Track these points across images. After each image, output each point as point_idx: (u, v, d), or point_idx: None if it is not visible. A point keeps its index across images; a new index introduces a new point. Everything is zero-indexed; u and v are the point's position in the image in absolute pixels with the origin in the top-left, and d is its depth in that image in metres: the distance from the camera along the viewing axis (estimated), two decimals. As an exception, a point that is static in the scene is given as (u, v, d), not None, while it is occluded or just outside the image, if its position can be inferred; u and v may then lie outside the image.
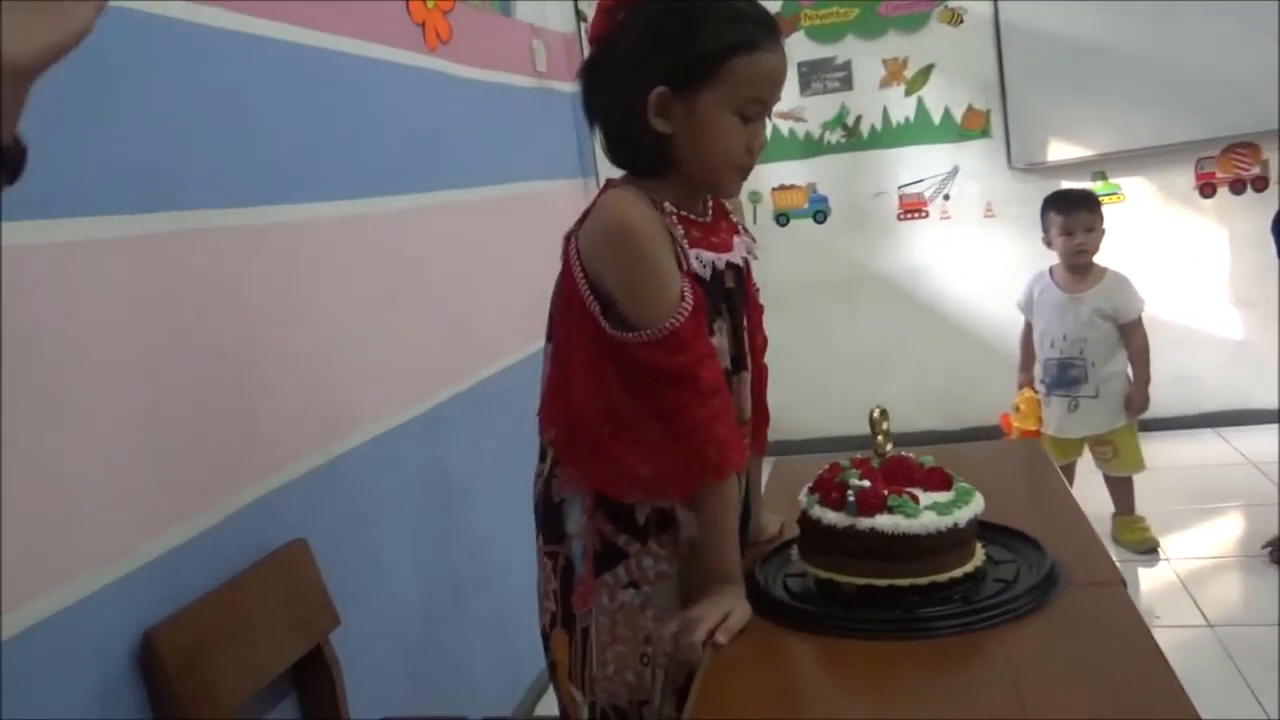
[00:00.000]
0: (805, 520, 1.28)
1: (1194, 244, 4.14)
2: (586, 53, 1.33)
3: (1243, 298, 4.13)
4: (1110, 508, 3.18)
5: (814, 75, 4.32)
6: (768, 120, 1.30)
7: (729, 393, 1.29)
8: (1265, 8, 3.81)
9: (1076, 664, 1.06)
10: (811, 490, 1.30)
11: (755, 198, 4.44)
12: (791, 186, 4.43)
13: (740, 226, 1.42)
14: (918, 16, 4.21)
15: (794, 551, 1.33)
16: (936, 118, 4.26)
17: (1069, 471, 3.13)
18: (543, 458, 1.36)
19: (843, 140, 4.35)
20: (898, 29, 4.23)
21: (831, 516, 1.23)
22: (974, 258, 4.30)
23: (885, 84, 4.28)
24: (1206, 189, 4.11)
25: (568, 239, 1.29)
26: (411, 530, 1.98)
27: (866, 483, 1.23)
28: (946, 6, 4.18)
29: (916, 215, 4.35)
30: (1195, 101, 3.95)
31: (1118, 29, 3.96)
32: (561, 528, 1.32)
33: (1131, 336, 3.04)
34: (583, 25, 3.40)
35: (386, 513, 1.92)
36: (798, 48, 4.30)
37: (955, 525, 1.20)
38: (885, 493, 1.22)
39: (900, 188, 4.34)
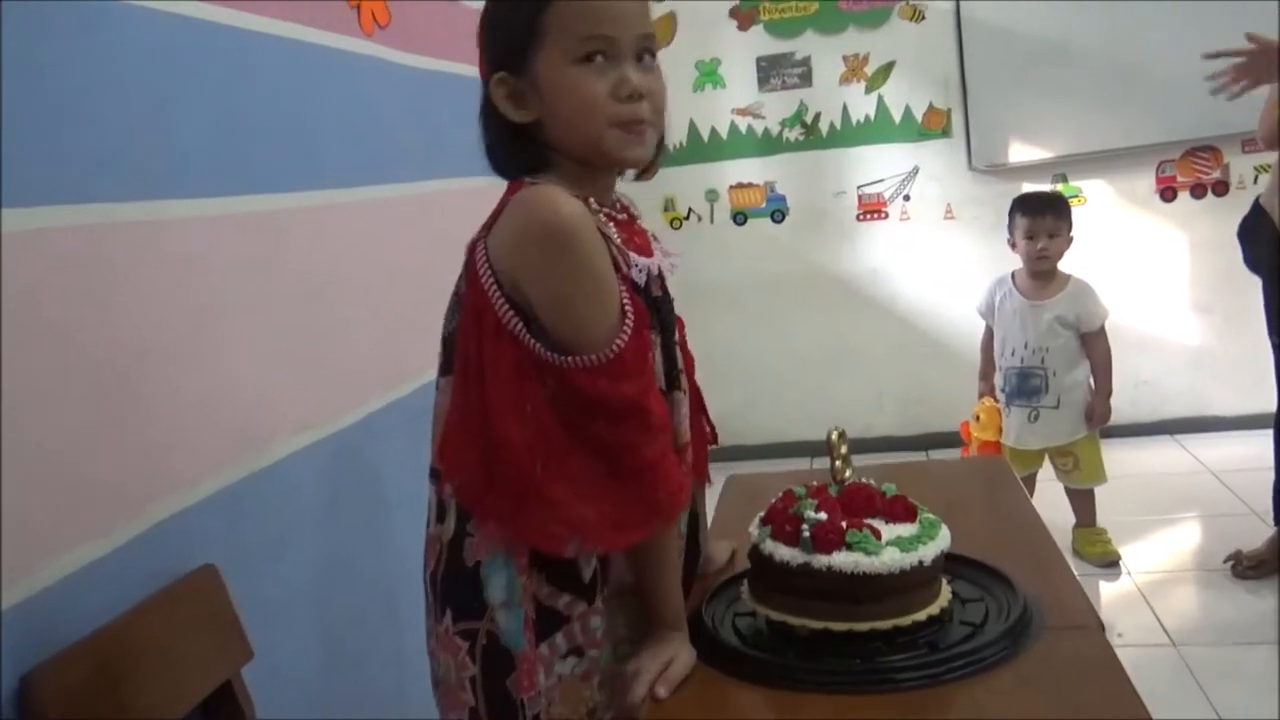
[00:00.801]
0: (756, 555, 1.16)
1: (1154, 248, 4.10)
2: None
3: (1202, 303, 4.09)
4: (1070, 518, 3.11)
5: (772, 71, 4.22)
6: (649, 60, 1.11)
7: (670, 424, 1.15)
8: (1227, 10, 3.76)
9: (1053, 723, 0.96)
10: (763, 521, 1.18)
11: (712, 195, 4.34)
12: (749, 185, 4.33)
13: (652, 235, 1.26)
14: (879, 12, 4.12)
15: (744, 588, 1.21)
16: (897, 116, 4.18)
17: (1029, 482, 3.05)
18: (440, 517, 1.15)
19: (801, 138, 4.26)
20: (858, 25, 4.14)
21: (785, 552, 1.11)
22: (934, 260, 4.23)
23: (845, 81, 4.19)
24: (1167, 193, 4.07)
25: (473, 246, 1.12)
26: (336, 552, 1.84)
27: (823, 515, 1.12)
28: (908, 3, 4.10)
29: (876, 216, 4.27)
30: (1156, 104, 3.90)
31: (1080, 29, 3.90)
32: (480, 598, 1.10)
33: (1094, 346, 2.97)
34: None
35: (308, 534, 1.77)
36: (756, 42, 4.21)
37: (920, 563, 1.09)
38: (844, 526, 1.11)
39: (859, 187, 4.25)
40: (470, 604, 1.11)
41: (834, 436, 1.24)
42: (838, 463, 1.23)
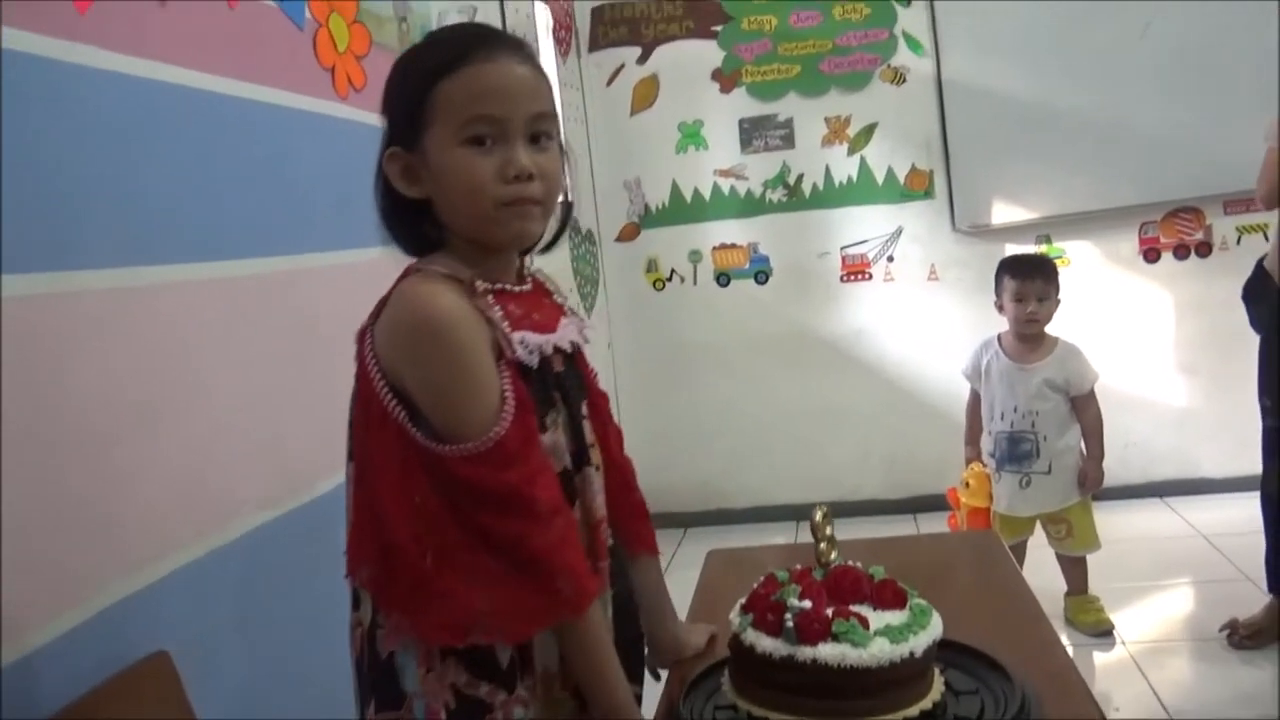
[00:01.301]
0: (737, 645, 1.10)
1: (1139, 309, 4.08)
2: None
3: (1187, 365, 4.06)
4: (1062, 585, 3.03)
5: (755, 132, 4.22)
6: (544, 141, 1.09)
7: (569, 508, 1.10)
8: (1209, 73, 3.78)
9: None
10: (744, 609, 1.12)
11: (695, 256, 4.31)
12: (732, 245, 4.31)
13: (567, 308, 1.24)
14: (860, 75, 4.13)
15: (725, 679, 1.14)
16: (880, 178, 4.18)
17: (1020, 549, 2.98)
18: (356, 604, 1.13)
19: (784, 199, 4.24)
20: (840, 87, 4.15)
21: (767, 643, 1.05)
22: (918, 321, 4.20)
23: (827, 142, 4.19)
24: (1150, 254, 4.06)
25: (361, 335, 1.11)
26: (297, 637, 1.76)
27: (807, 603, 1.06)
28: (889, 65, 4.11)
29: (860, 277, 4.24)
30: (1138, 165, 3.91)
31: (1061, 91, 3.92)
32: (397, 687, 1.08)
33: (1085, 410, 2.93)
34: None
35: (269, 616, 1.69)
36: (739, 104, 4.21)
37: (911, 654, 1.03)
38: (829, 615, 1.05)
39: (843, 248, 4.24)
40: (389, 694, 1.08)
41: (819, 516, 1.17)
42: (822, 544, 1.17)
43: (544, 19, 3.80)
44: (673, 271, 4.35)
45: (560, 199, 1.16)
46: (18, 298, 1.28)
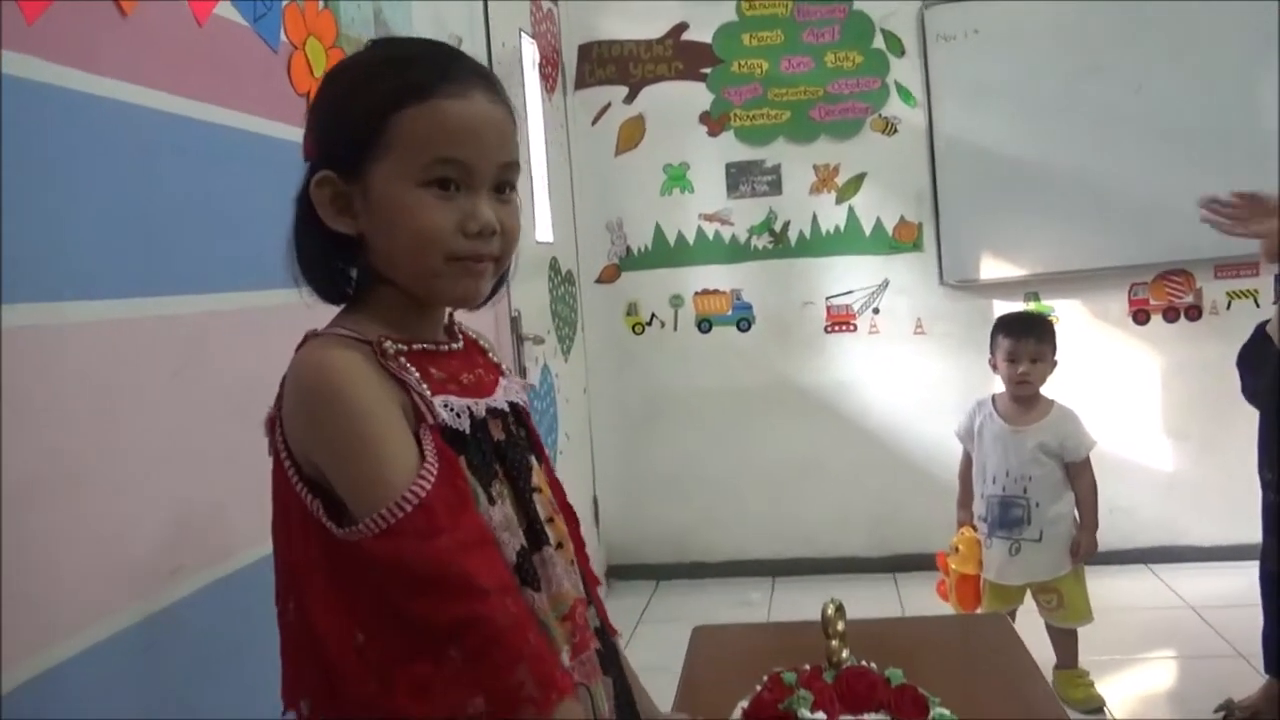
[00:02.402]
0: (740, 760, 0.97)
1: (1127, 371, 4.00)
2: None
3: (1175, 429, 3.98)
4: (1050, 656, 2.91)
5: (742, 177, 4.13)
6: (508, 192, 0.99)
7: (518, 589, 0.93)
8: (1202, 135, 3.74)
9: None
10: (747, 717, 0.99)
11: (677, 301, 4.20)
12: (715, 291, 4.20)
13: (504, 368, 1.11)
14: (851, 123, 4.06)
15: (722, 796, 1.01)
16: (868, 228, 4.09)
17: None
18: None
19: (770, 246, 4.15)
20: (830, 135, 4.08)
21: (776, 761, 0.92)
22: (903, 375, 4.10)
23: (816, 190, 4.11)
24: (1140, 315, 3.99)
25: (271, 425, 0.96)
26: (244, 710, 1.59)
27: (821, 716, 0.93)
28: (880, 115, 4.05)
29: (844, 328, 4.15)
30: (1129, 226, 3.85)
31: (1054, 148, 3.86)
32: None
33: (1079, 477, 2.82)
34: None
35: (214, 688, 1.54)
36: (726, 148, 4.13)
37: (937, 779, 0.90)
38: (845, 729, 0.92)
39: (828, 298, 4.14)
40: None
41: (830, 610, 1.05)
42: (834, 641, 1.04)
43: (531, 54, 3.71)
44: (653, 316, 4.23)
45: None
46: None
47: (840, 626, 1.05)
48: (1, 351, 1.23)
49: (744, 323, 4.20)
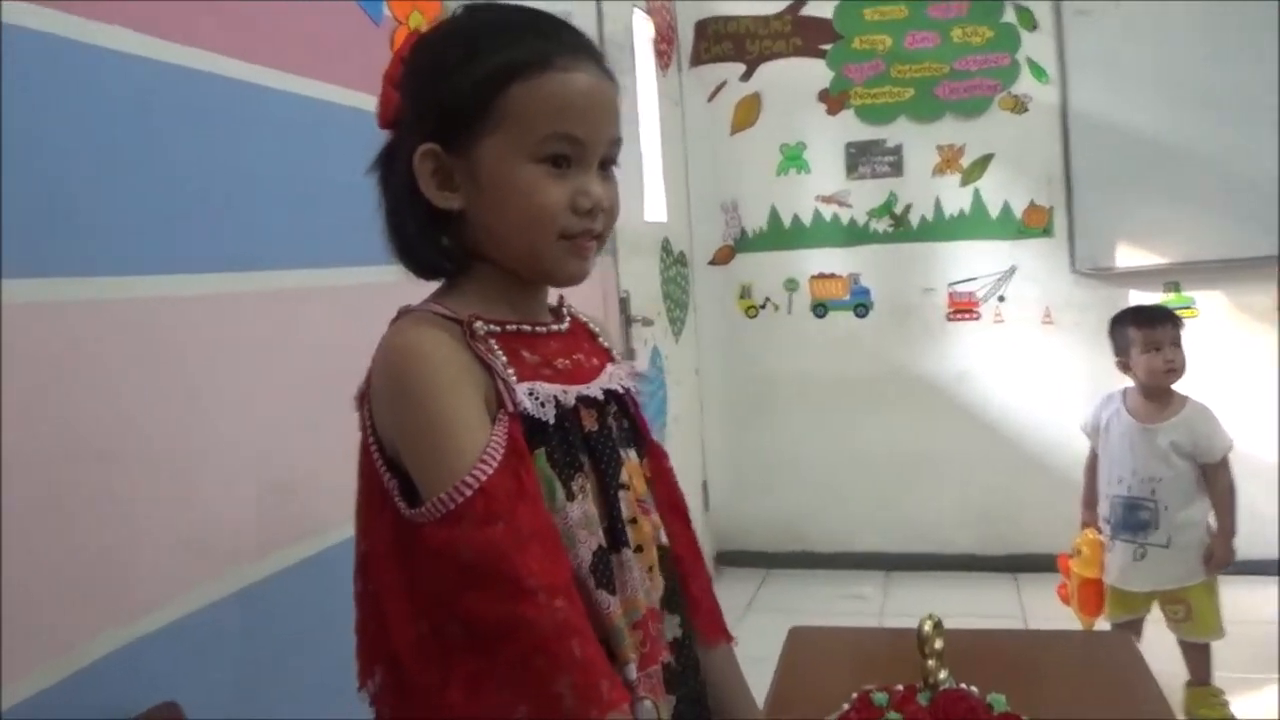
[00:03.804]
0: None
1: (1271, 368, 3.73)
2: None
3: (1325, 430, 3.70)
4: (1181, 671, 2.74)
5: (861, 158, 3.99)
6: (615, 167, 0.96)
7: (577, 593, 0.87)
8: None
9: None
10: (833, 737, 0.92)
11: (792, 285, 4.10)
12: (831, 275, 4.08)
13: (615, 354, 1.06)
14: (978, 101, 3.88)
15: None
16: (994, 212, 3.91)
17: (1134, 628, 2.70)
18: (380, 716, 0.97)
19: (890, 229, 4.01)
20: (956, 113, 3.90)
21: (861, 790, 0.85)
22: (1029, 366, 3.92)
23: (939, 172, 3.94)
24: (1289, 308, 3.71)
25: (361, 400, 0.94)
26: (312, 695, 1.58)
27: (911, 743, 0.85)
28: (1010, 93, 3.85)
29: (967, 316, 3.98)
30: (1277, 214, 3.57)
31: (1198, 129, 3.61)
32: None
33: (1215, 480, 2.63)
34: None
35: (281, 671, 1.53)
36: (845, 127, 3.99)
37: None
38: (938, 760, 0.84)
39: (951, 285, 3.98)
40: None
41: (927, 627, 0.97)
42: (930, 661, 0.96)
43: (644, 30, 3.64)
44: (767, 299, 4.14)
45: None
46: (18, 305, 1.15)
47: (938, 645, 0.97)
48: (64, 325, 1.23)
49: (861, 308, 4.07)
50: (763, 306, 4.15)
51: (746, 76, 4.07)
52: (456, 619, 0.83)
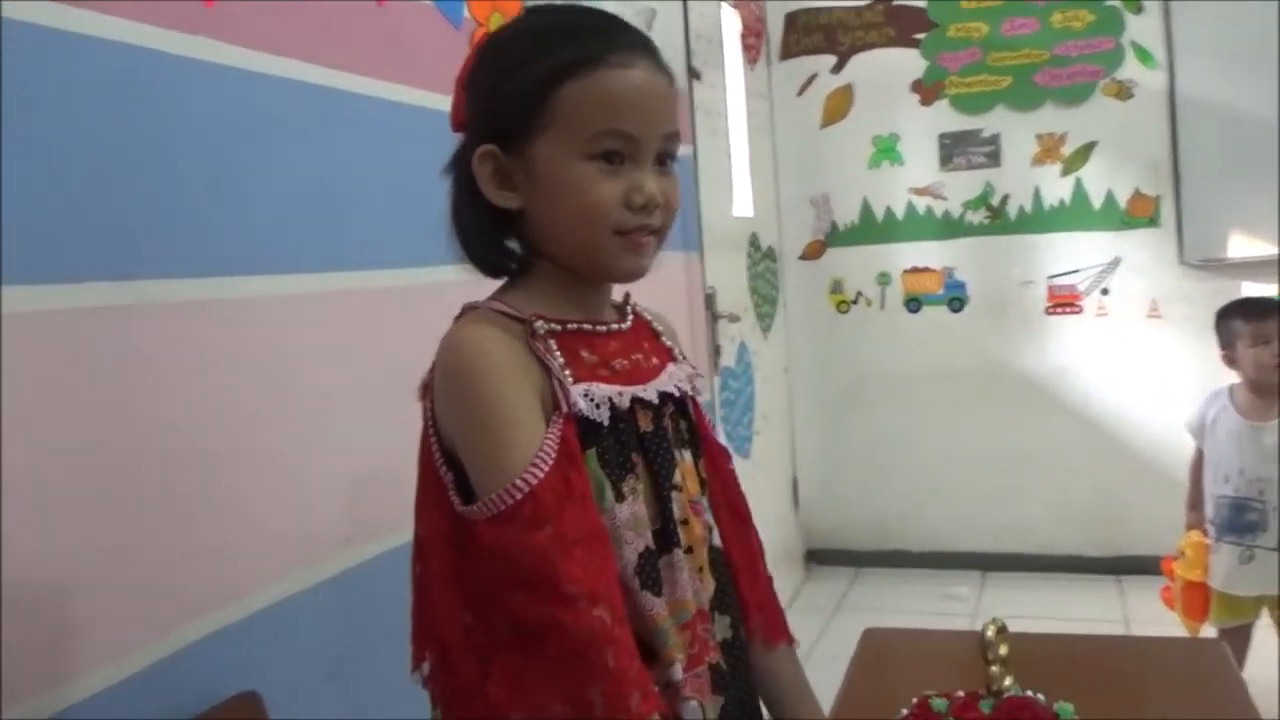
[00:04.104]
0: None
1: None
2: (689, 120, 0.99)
3: None
4: (1292, 683, 2.61)
5: (957, 148, 3.90)
6: (669, 164, 0.95)
7: (621, 599, 0.87)
8: None
9: None
10: (888, 745, 0.90)
11: (884, 279, 4.03)
12: (925, 269, 4.00)
13: (676, 354, 1.06)
14: (1080, 88, 3.75)
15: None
16: (1097, 202, 3.78)
17: (1241, 635, 2.58)
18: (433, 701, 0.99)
19: (986, 221, 3.91)
20: (1056, 101, 3.78)
21: (915, 798, 0.83)
22: (1133, 362, 3.78)
23: (1038, 161, 3.83)
24: None
25: (424, 391, 0.95)
26: (391, 687, 1.61)
27: (967, 751, 0.83)
28: (1114, 78, 3.71)
29: (1068, 309, 3.85)
30: None
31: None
32: None
33: (1329, 480, 2.50)
34: (694, 82, 3.08)
35: (362, 663, 1.57)
36: (940, 118, 3.90)
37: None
38: (996, 770, 0.81)
39: (1050, 278, 3.86)
40: None
41: (991, 632, 0.94)
42: (994, 668, 0.93)
43: (731, 23, 3.62)
44: (859, 294, 4.08)
45: None
46: (102, 307, 1.20)
47: (1003, 651, 0.94)
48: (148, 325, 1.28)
49: (956, 302, 3.98)
50: (854, 301, 4.09)
51: (838, 69, 4.01)
52: (502, 615, 0.84)
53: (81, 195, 1.19)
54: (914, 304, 4.03)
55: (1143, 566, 3.46)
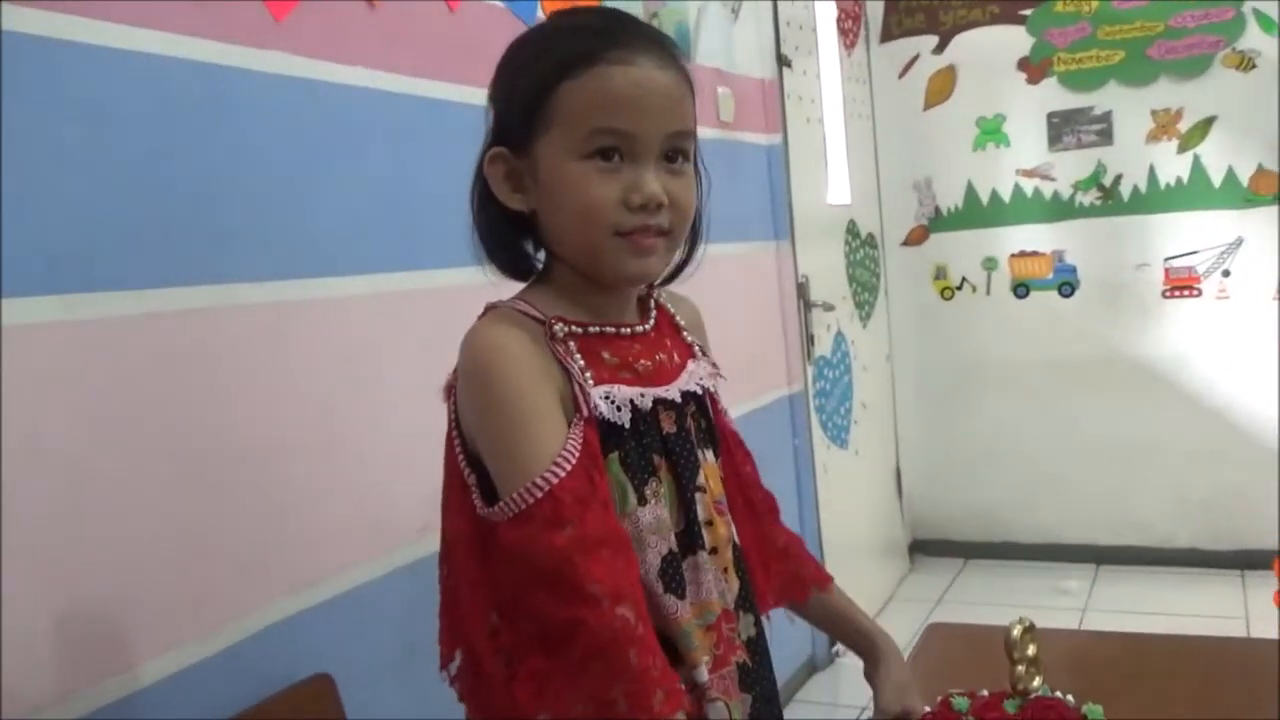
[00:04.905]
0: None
1: None
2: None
3: None
4: None
5: (1066, 127, 3.77)
6: (680, 162, 0.93)
7: (643, 599, 0.86)
8: None
9: None
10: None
11: (990, 264, 3.92)
12: (1034, 253, 3.88)
13: (696, 349, 1.04)
14: (1198, 60, 3.57)
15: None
16: (1217, 179, 3.60)
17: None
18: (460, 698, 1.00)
19: (1098, 202, 3.76)
20: (1172, 75, 3.61)
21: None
22: (1256, 347, 3.59)
23: (1153, 138, 3.67)
24: None
25: (448, 391, 0.96)
26: None
27: (982, 752, 0.82)
28: (1234, 49, 3.53)
29: (1186, 293, 3.69)
30: None
31: None
32: None
33: None
34: (785, 70, 3.06)
35: (433, 649, 1.62)
36: (1048, 96, 3.78)
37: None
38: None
39: (1167, 260, 3.69)
40: None
41: (1017, 632, 0.92)
42: (1020, 667, 0.92)
43: (826, 10, 3.57)
44: (964, 280, 3.98)
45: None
46: (181, 311, 1.27)
47: (1030, 651, 0.92)
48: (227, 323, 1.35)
49: (1066, 287, 3.85)
50: (959, 288, 3.99)
51: (940, 49, 3.92)
52: (526, 616, 0.85)
53: (171, 207, 1.27)
54: (1022, 289, 3.91)
55: (1268, 562, 3.30)
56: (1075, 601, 3.50)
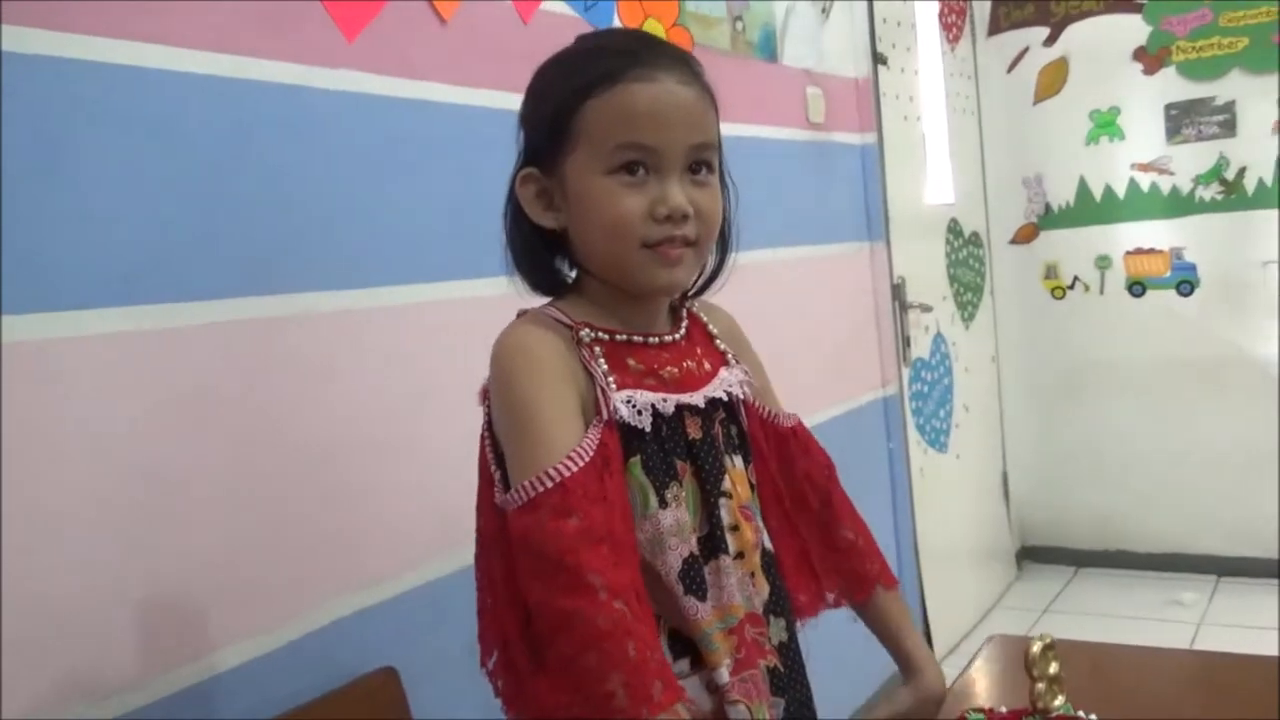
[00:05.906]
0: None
1: None
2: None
3: None
4: None
5: (1185, 119, 3.61)
6: (704, 173, 0.96)
7: (644, 600, 0.88)
8: None
9: None
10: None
11: (1104, 262, 3.79)
12: (1150, 251, 3.73)
13: (729, 357, 1.06)
14: (1329, 46, 3.38)
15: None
16: (1350, 171, 3.40)
17: None
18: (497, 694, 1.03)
19: (1219, 197, 3.59)
20: (1301, 61, 3.43)
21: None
22: (1395, 349, 3.38)
23: (1280, 129, 3.48)
24: None
25: (484, 394, 1.00)
26: None
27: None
28: (1371, 32, 3.33)
29: (1315, 292, 3.49)
30: None
31: None
32: None
33: None
34: (880, 68, 3.02)
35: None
36: (1165, 87, 3.62)
37: None
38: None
39: (1293, 257, 3.51)
40: None
41: (1036, 648, 0.91)
42: (1039, 685, 0.90)
43: (928, 6, 3.50)
44: (1075, 279, 3.85)
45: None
46: (247, 319, 1.34)
47: (1051, 669, 0.90)
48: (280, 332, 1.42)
49: (1185, 285, 3.69)
50: (1071, 287, 3.86)
51: (1051, 40, 3.80)
52: (540, 609, 0.86)
53: (243, 221, 1.34)
54: (1138, 288, 3.76)
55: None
56: (1191, 615, 3.36)
